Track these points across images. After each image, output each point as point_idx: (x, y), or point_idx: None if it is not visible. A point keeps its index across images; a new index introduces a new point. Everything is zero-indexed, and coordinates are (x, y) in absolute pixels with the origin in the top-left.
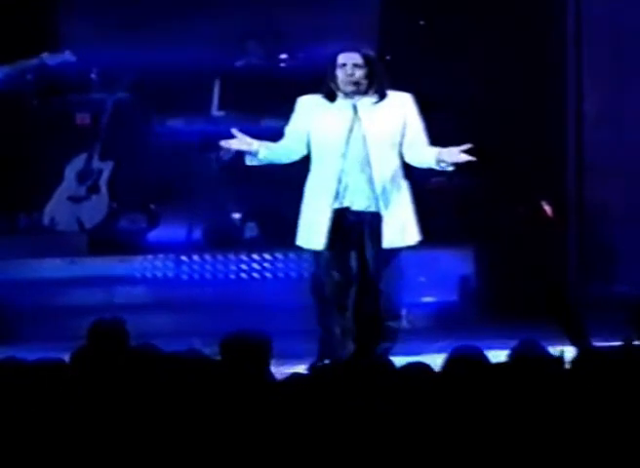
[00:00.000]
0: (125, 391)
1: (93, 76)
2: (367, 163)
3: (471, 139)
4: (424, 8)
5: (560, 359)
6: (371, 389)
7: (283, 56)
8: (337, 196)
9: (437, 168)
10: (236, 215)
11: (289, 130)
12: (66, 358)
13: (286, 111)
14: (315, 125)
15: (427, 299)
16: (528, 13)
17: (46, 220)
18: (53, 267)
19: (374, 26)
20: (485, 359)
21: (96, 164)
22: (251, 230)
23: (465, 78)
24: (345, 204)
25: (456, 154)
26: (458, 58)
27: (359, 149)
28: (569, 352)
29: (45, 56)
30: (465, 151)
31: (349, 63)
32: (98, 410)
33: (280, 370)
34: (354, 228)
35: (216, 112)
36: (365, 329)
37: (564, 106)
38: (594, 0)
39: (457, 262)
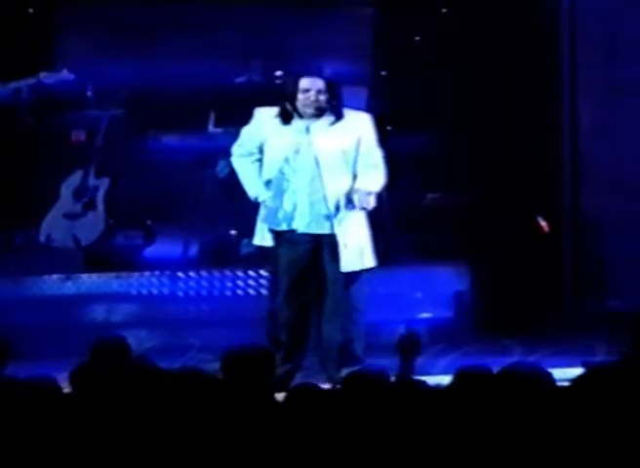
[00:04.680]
0: (128, 408)
1: (88, 93)
2: (320, 184)
3: (466, 154)
4: (420, 23)
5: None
6: (370, 407)
7: (279, 73)
8: (283, 217)
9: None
10: (232, 232)
11: (250, 145)
12: (61, 375)
13: None
14: (266, 142)
15: (423, 316)
16: (522, 25)
17: (42, 237)
18: (49, 284)
19: (369, 42)
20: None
21: (91, 181)
22: (247, 246)
23: (461, 93)
24: (294, 226)
25: (365, 197)
26: (453, 73)
27: (309, 171)
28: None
29: (42, 75)
30: None
31: (313, 90)
32: (98, 428)
33: None
34: (308, 252)
35: (212, 129)
36: (330, 354)
37: (559, 120)
38: (588, 12)
39: (452, 278)
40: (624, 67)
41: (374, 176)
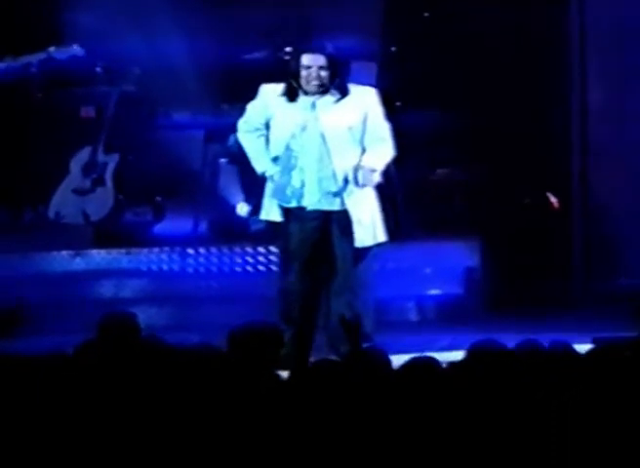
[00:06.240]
0: (135, 384)
1: (98, 69)
2: (328, 161)
3: (477, 132)
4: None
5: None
6: (374, 386)
7: (288, 49)
8: (292, 194)
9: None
10: (242, 208)
11: (256, 120)
12: (71, 351)
13: None
14: (273, 119)
15: (433, 292)
16: (532, 8)
17: (51, 214)
18: (58, 260)
19: (379, 18)
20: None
21: (101, 157)
22: (256, 223)
23: (470, 70)
24: (303, 203)
25: (368, 175)
26: (462, 49)
27: (316, 147)
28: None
29: (52, 50)
30: None
31: (315, 66)
32: (105, 405)
33: None
34: (318, 229)
35: (223, 105)
36: (339, 331)
37: (569, 100)
38: None
39: (462, 254)
40: (634, 49)
41: (382, 150)
